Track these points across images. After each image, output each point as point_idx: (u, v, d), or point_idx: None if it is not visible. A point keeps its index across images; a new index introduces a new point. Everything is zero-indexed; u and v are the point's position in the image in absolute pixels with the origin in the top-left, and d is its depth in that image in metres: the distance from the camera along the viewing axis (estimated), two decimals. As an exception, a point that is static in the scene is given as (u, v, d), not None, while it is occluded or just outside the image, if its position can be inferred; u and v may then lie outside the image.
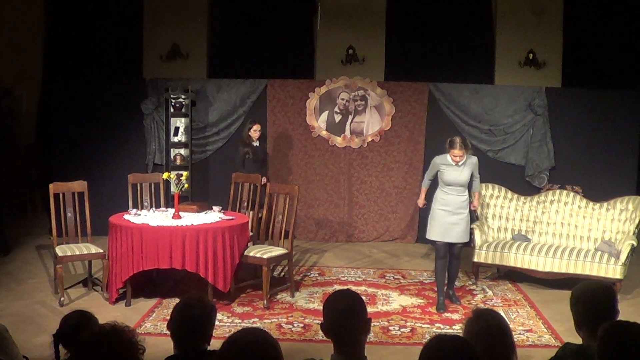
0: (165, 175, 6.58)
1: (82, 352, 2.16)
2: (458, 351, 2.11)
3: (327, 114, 8.81)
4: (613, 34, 9.04)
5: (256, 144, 7.64)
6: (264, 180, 7.47)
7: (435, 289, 6.24)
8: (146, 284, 6.32)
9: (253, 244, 6.58)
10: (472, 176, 6.07)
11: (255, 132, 7.59)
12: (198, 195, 8.47)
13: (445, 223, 5.99)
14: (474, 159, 6.12)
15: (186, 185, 7.21)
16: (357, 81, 8.79)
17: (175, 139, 8.65)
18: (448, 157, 6.00)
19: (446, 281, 6.20)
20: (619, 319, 2.72)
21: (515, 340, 2.79)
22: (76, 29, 9.52)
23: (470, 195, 6.18)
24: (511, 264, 6.80)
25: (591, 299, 2.86)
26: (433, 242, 6.26)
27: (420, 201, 6.47)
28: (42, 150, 9.75)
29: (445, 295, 6.17)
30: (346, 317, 2.54)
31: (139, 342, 2.26)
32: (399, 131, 8.77)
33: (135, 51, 9.52)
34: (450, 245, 6.06)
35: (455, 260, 6.15)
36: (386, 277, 7.12)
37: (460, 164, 5.95)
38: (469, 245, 6.99)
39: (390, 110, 8.75)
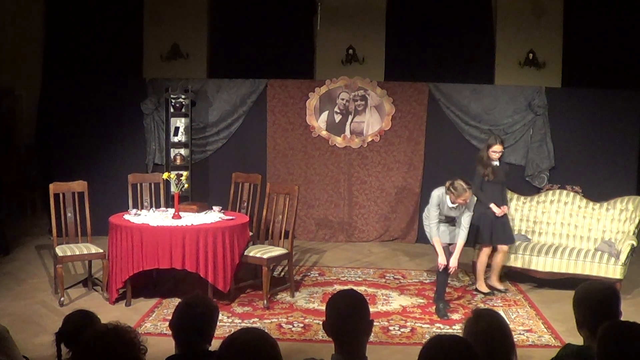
0: (165, 175, 6.58)
1: (84, 351, 2.16)
2: (457, 351, 2.12)
3: (327, 114, 8.81)
4: (613, 34, 9.04)
5: (496, 163, 6.60)
6: (504, 209, 6.51)
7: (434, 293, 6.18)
8: (146, 284, 6.32)
9: (253, 244, 6.59)
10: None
11: (494, 153, 6.54)
12: (198, 195, 8.47)
13: (447, 227, 6.01)
14: (474, 199, 5.95)
15: (186, 185, 7.21)
16: (357, 81, 8.79)
17: (175, 139, 8.65)
18: (448, 198, 5.84)
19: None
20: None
21: (515, 340, 2.79)
22: (76, 29, 9.51)
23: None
24: (511, 264, 6.79)
25: (594, 300, 2.85)
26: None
27: (443, 260, 5.83)
28: (42, 150, 9.75)
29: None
30: (348, 317, 2.54)
31: (141, 343, 2.26)
32: (399, 131, 8.77)
33: (135, 51, 9.52)
34: (450, 248, 6.03)
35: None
36: (386, 277, 7.12)
37: (456, 205, 5.84)
38: (469, 245, 6.99)
39: (390, 110, 8.75)
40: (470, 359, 2.13)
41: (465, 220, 5.91)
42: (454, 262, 5.89)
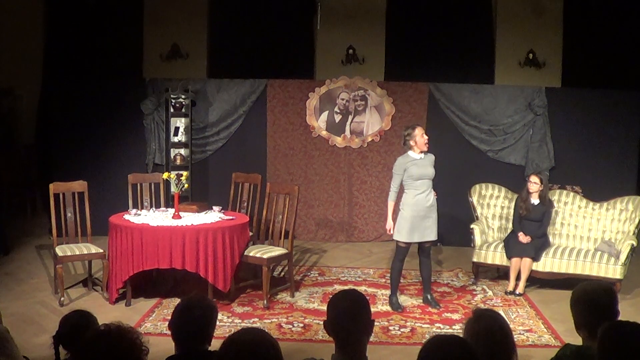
0: (165, 175, 6.58)
1: (86, 352, 2.16)
2: (457, 351, 2.12)
3: (327, 114, 8.81)
4: (613, 34, 9.04)
5: (535, 202, 6.78)
6: (527, 238, 6.64)
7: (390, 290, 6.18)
8: (146, 284, 6.32)
9: (253, 244, 6.59)
10: None
11: (530, 184, 6.78)
12: (198, 195, 8.47)
13: (415, 224, 5.89)
14: (432, 156, 6.08)
15: (186, 185, 7.22)
16: (357, 81, 8.79)
17: (175, 139, 8.65)
18: (410, 153, 5.97)
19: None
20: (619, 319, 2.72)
21: (515, 340, 2.79)
22: (76, 29, 9.51)
23: None
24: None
25: (591, 300, 2.86)
26: (397, 242, 6.06)
27: (391, 225, 5.96)
28: (42, 150, 9.75)
29: (424, 299, 6.18)
30: (349, 317, 2.54)
31: (143, 344, 2.26)
32: (399, 131, 8.70)
33: (135, 51, 9.52)
34: (420, 246, 6.02)
35: (427, 260, 6.09)
36: (386, 277, 7.09)
37: (423, 156, 5.95)
38: (469, 245, 7.00)
39: (390, 110, 8.75)
40: (470, 359, 2.13)
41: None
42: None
